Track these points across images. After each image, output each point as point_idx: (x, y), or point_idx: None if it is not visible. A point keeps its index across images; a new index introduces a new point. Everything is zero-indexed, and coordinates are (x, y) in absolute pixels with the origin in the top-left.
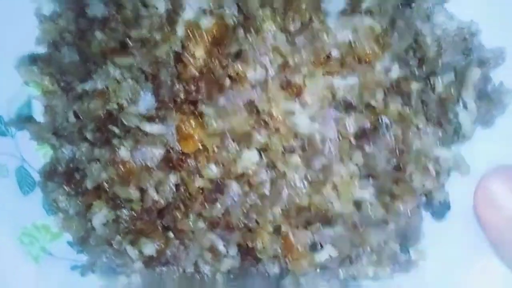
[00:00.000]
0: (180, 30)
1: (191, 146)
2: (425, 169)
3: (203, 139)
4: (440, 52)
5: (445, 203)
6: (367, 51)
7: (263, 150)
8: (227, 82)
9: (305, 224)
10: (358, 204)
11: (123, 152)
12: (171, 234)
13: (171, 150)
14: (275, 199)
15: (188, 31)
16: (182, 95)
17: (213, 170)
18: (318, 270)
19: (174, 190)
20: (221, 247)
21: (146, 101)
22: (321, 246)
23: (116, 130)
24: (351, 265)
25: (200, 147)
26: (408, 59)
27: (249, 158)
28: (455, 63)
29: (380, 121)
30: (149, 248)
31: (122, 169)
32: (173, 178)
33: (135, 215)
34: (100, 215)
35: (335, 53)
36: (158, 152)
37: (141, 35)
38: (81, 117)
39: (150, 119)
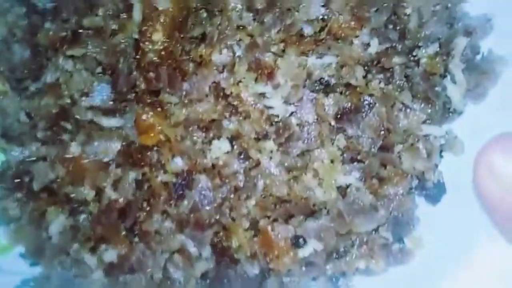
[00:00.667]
0: (137, 15)
1: (151, 139)
2: (415, 149)
3: (165, 130)
4: (422, 23)
5: (440, 185)
6: (343, 26)
7: (233, 138)
8: (190, 67)
9: (285, 217)
10: (342, 191)
11: (74, 148)
12: (135, 238)
13: (130, 144)
14: (249, 191)
15: (145, 12)
16: (142, 85)
17: (178, 163)
18: (303, 267)
19: (135, 187)
20: (192, 248)
21: (102, 93)
22: (304, 240)
23: (69, 126)
24: (339, 259)
25: (163, 139)
26: (388, 33)
27: (219, 148)
28: (439, 34)
29: (361, 100)
30: (110, 254)
31: (73, 166)
32: (133, 174)
33: (93, 219)
34: (57, 222)
35: (308, 30)
36: (114, 146)
37: (94, 23)
38: (33, 115)
39: (106, 112)
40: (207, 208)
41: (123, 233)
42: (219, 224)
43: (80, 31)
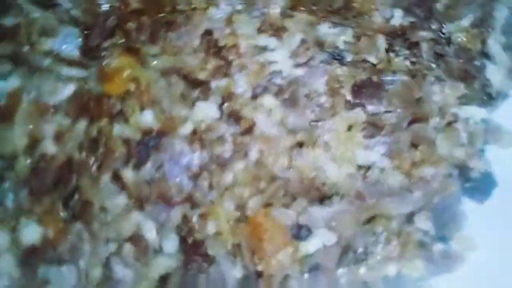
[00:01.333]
0: None
1: (117, 87)
2: (453, 130)
3: (136, 73)
4: (450, 5)
5: (488, 175)
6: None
7: (224, 100)
8: (180, 18)
9: (284, 200)
10: (363, 172)
11: (12, 81)
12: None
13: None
14: (238, 161)
15: None
16: (118, 40)
17: (147, 118)
18: (305, 274)
19: (84, 144)
20: (150, 233)
21: (69, 42)
22: (309, 230)
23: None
24: (357, 263)
25: (132, 89)
26: (413, 10)
27: (205, 113)
28: (472, 12)
29: (383, 78)
30: (31, 232)
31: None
32: (84, 125)
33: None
34: None
35: None
36: (66, 88)
37: None
38: None
39: (70, 63)
40: (178, 178)
41: (58, 204)
42: (192, 202)
43: None
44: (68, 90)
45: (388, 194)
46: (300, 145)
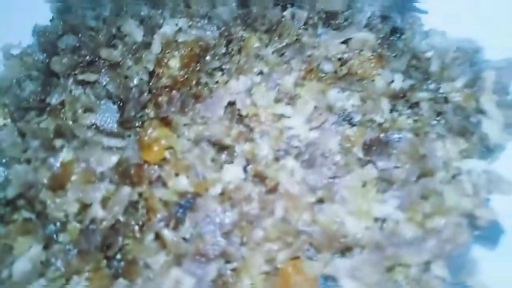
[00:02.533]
0: (156, 47)
1: (154, 155)
2: (458, 182)
3: (171, 142)
4: (444, 66)
5: (495, 224)
6: (364, 63)
7: (248, 162)
8: (205, 92)
9: (310, 252)
10: (379, 222)
11: (65, 153)
12: (116, 271)
13: (129, 162)
14: (266, 217)
15: (163, 42)
16: (151, 113)
17: (183, 182)
18: None
19: (127, 208)
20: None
21: (107, 117)
22: (335, 280)
23: (61, 142)
24: None
25: (168, 156)
26: (411, 73)
27: (232, 174)
28: (464, 73)
29: (389, 135)
30: None
31: (59, 172)
32: (127, 190)
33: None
34: (26, 257)
35: (328, 67)
36: (111, 158)
37: (111, 57)
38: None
39: (109, 134)
40: (213, 235)
41: (103, 262)
42: (226, 257)
43: (96, 60)
44: (113, 159)
45: (404, 244)
46: (320, 201)
